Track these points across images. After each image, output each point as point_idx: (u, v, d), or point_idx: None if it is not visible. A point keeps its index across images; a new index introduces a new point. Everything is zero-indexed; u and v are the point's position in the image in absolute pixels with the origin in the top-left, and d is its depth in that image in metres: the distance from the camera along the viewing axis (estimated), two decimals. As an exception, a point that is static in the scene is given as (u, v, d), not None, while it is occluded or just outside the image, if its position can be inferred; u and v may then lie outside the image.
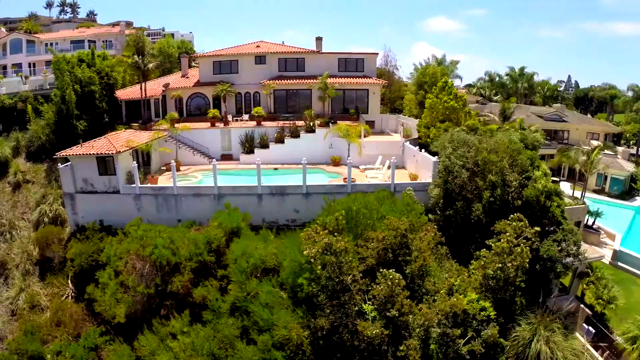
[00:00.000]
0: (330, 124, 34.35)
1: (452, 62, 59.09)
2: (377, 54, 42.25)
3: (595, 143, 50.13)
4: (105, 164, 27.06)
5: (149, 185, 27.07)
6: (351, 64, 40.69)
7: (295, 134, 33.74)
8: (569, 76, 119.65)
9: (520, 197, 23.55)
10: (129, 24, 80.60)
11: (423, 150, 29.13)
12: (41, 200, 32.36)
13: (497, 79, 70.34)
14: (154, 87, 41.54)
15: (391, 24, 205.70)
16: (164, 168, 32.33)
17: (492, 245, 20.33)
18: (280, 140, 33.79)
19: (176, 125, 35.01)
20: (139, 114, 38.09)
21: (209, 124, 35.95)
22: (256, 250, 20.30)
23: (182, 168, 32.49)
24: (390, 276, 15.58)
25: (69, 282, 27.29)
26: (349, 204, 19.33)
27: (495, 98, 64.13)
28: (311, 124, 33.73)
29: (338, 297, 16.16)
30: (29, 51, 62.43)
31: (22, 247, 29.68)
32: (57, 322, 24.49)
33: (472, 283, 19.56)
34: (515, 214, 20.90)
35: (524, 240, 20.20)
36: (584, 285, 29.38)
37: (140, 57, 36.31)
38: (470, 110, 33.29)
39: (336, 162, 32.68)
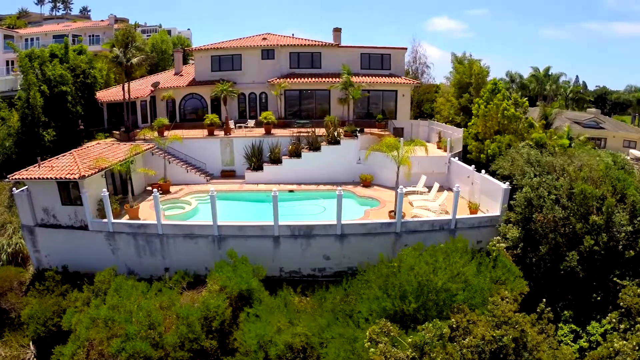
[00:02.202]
0: (358, 133, 27.04)
1: (472, 60, 52.13)
2: (406, 49, 34.91)
3: (635, 152, 43.62)
4: (68, 190, 19.75)
5: (125, 220, 19.70)
6: (376, 61, 33.31)
7: (314, 146, 26.34)
8: (577, 76, 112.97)
9: (634, 245, 16.86)
10: (123, 21, 72.74)
11: (484, 172, 21.95)
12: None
13: (518, 79, 63.10)
14: (141, 87, 34.08)
15: (392, 25, 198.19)
16: (150, 188, 24.98)
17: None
18: (295, 153, 26.35)
19: (166, 134, 27.66)
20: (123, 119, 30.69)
21: (205, 132, 28.54)
22: (279, 336, 13.09)
23: (172, 189, 25.07)
24: None
25: (30, 343, 20.18)
26: (426, 272, 12.06)
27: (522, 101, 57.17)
28: (335, 133, 26.38)
29: None
30: (6, 47, 54.63)
31: (-24, 293, 22.42)
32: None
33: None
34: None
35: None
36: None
37: (121, 49, 28.77)
38: (532, 119, 26.30)
39: (367, 182, 25.39)
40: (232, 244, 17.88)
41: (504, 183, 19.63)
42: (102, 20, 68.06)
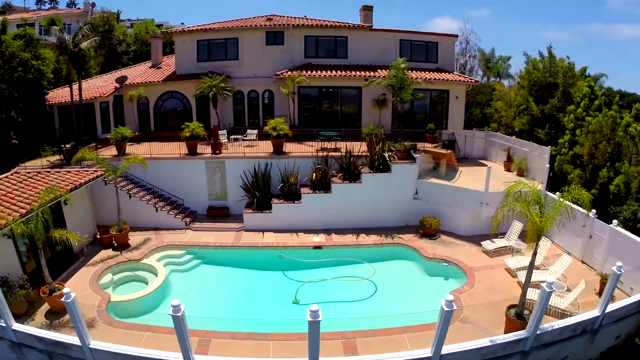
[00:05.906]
0: (413, 153, 18.04)
1: (502, 57, 43.65)
2: (457, 36, 25.80)
3: None
4: None
5: (33, 330, 10.43)
6: (419, 50, 24.20)
7: (353, 174, 17.29)
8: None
9: None
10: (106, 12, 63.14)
11: (615, 222, 13.20)
12: None
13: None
14: (104, 84, 24.91)
15: (394, 26, 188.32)
16: (99, 237, 15.98)
17: None
18: (322, 184, 17.27)
19: (127, 152, 18.63)
20: (85, 126, 21.43)
21: (185, 150, 19.41)
22: None
23: (132, 238, 15.91)
24: None
25: None
26: None
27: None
28: (386, 154, 17.22)
29: None
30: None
31: None
32: None
33: None
34: None
35: None
36: None
37: (60, 30, 19.64)
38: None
39: (431, 230, 16.26)
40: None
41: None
42: (77, 8, 58.68)
